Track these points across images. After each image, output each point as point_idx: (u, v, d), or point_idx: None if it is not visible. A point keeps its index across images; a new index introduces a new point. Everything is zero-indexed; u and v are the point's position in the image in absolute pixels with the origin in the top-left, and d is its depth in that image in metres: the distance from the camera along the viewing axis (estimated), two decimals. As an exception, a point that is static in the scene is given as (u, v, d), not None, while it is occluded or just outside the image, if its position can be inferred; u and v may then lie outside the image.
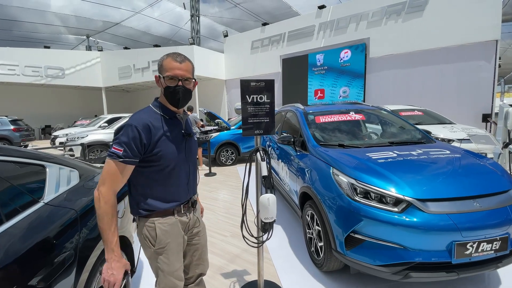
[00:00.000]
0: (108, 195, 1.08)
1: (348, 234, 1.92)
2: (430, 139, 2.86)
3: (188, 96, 1.26)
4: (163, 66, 1.20)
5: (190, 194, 1.37)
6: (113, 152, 1.09)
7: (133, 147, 1.10)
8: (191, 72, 1.25)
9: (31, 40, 21.55)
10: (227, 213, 3.90)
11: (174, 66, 1.18)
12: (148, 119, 1.16)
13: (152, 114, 1.21)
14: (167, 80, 1.19)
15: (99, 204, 1.07)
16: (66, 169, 1.53)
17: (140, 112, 1.21)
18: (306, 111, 3.35)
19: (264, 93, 1.78)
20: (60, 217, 1.27)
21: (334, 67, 11.45)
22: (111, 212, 1.09)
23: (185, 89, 1.22)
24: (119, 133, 1.12)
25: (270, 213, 1.63)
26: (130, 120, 1.14)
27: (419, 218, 1.75)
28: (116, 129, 1.15)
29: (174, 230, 1.28)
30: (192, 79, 1.25)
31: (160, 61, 1.22)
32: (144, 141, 1.13)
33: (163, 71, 1.20)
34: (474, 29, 8.45)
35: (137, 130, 1.11)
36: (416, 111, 6.56)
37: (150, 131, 1.15)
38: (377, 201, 1.88)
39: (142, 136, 1.12)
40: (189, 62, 1.24)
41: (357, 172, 2.03)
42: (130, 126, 1.11)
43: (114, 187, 1.10)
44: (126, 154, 1.09)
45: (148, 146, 1.15)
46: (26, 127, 12.26)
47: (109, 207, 1.08)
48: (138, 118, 1.15)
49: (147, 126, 1.14)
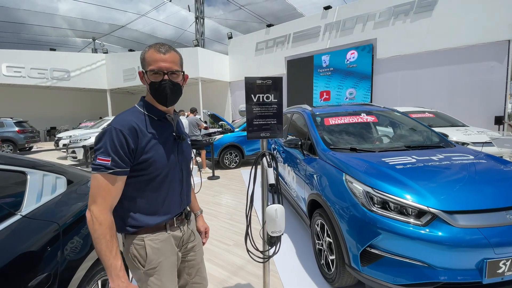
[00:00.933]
0: (102, 215, 0.92)
1: (364, 249, 1.73)
2: (449, 143, 2.65)
3: (178, 92, 1.09)
4: (145, 60, 1.03)
5: (183, 205, 1.20)
6: (99, 164, 0.93)
7: (121, 154, 0.94)
8: (178, 63, 1.07)
9: (39, 43, 21.82)
10: (231, 219, 3.72)
11: (157, 58, 1.01)
12: (133, 121, 1.00)
13: (138, 115, 1.05)
14: (151, 75, 1.02)
15: (94, 227, 0.91)
16: (51, 176, 1.37)
17: (124, 113, 1.04)
18: (314, 113, 3.17)
19: (271, 92, 1.61)
20: (39, 232, 1.11)
21: (340, 68, 11.25)
22: (109, 233, 0.92)
23: (172, 84, 1.05)
24: (101, 140, 0.95)
25: (278, 226, 1.45)
26: (113, 123, 0.97)
27: (446, 232, 1.56)
28: (97, 137, 0.97)
29: (167, 247, 1.11)
30: (181, 72, 1.08)
31: (142, 54, 1.05)
32: (131, 146, 0.97)
33: (145, 65, 1.03)
34: (486, 29, 8.18)
35: (122, 134, 0.95)
36: (427, 113, 6.31)
37: (136, 135, 0.98)
38: (396, 213, 1.69)
39: (129, 141, 0.96)
40: (175, 52, 1.07)
41: (373, 179, 1.84)
42: (114, 130, 0.95)
43: (107, 205, 0.94)
44: (115, 163, 0.93)
45: (135, 152, 0.99)
46: (31, 129, 12.30)
47: (105, 228, 0.92)
48: (121, 120, 0.99)
49: (133, 129, 0.98)
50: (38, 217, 1.16)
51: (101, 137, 0.96)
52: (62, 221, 1.23)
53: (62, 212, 1.28)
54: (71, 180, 1.51)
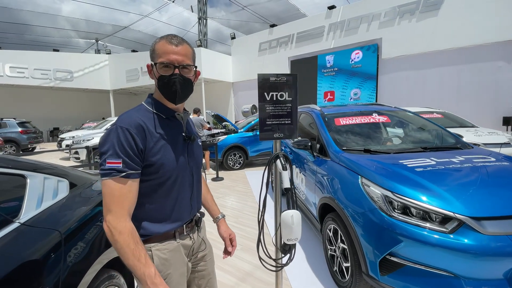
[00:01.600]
0: (120, 223, 0.83)
1: (384, 257, 1.63)
2: (467, 145, 2.54)
3: (189, 88, 0.99)
4: (155, 51, 0.94)
5: (194, 211, 1.11)
6: (110, 169, 0.84)
7: (131, 154, 0.85)
8: (190, 57, 0.98)
9: (42, 44, 21.89)
10: (237, 222, 3.62)
11: (168, 49, 0.92)
12: (140, 119, 0.91)
13: (145, 113, 0.96)
14: (160, 68, 0.93)
15: (114, 238, 0.82)
16: (53, 179, 1.28)
17: (130, 111, 0.95)
18: (323, 113, 3.07)
19: (285, 90, 1.51)
20: (39, 241, 1.02)
21: (345, 68, 11.13)
22: (132, 241, 0.83)
23: (183, 79, 0.95)
24: (107, 141, 0.85)
25: (295, 233, 1.35)
26: (118, 122, 0.88)
27: (474, 240, 1.45)
28: (101, 138, 0.87)
29: (176, 258, 1.01)
30: (193, 66, 0.99)
31: (152, 45, 0.96)
32: (140, 146, 0.88)
33: (155, 57, 0.94)
34: (493, 29, 8.04)
35: (129, 133, 0.86)
36: (435, 114, 6.18)
37: (144, 134, 0.89)
38: (419, 219, 1.59)
39: (137, 140, 0.87)
40: (188, 45, 0.98)
41: (393, 183, 1.73)
42: (120, 129, 0.86)
43: (124, 211, 0.85)
44: (127, 165, 0.85)
45: (143, 153, 0.89)
46: (34, 129, 12.28)
47: (126, 236, 0.82)
48: (128, 118, 0.90)
49: (140, 128, 0.89)
50: (38, 224, 1.07)
51: (106, 139, 0.86)
52: (64, 228, 1.14)
53: (64, 218, 1.20)
54: (74, 183, 1.42)
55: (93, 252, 1.24)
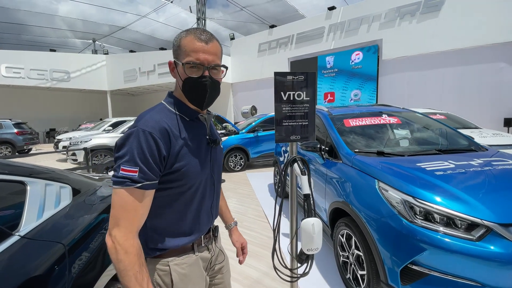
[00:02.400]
0: (128, 241, 0.72)
1: (406, 266, 1.54)
2: (481, 147, 2.47)
3: (217, 91, 0.90)
4: (181, 48, 0.82)
5: (213, 220, 1.02)
6: (124, 177, 0.73)
7: (151, 163, 0.75)
8: (220, 56, 0.88)
9: (39, 44, 21.62)
10: (241, 226, 3.52)
11: (198, 47, 0.81)
12: (164, 121, 0.80)
13: (168, 114, 0.85)
14: (188, 68, 0.81)
15: (118, 257, 0.71)
16: (55, 186, 1.18)
17: (152, 112, 0.83)
18: (331, 114, 2.98)
19: (302, 89, 1.42)
20: (41, 255, 0.92)
21: (345, 69, 11.09)
22: (137, 262, 0.72)
23: (212, 82, 0.85)
24: (125, 145, 0.75)
25: (316, 243, 1.25)
26: (140, 124, 0.77)
27: (503, 248, 1.38)
28: (119, 140, 0.76)
29: (195, 272, 0.92)
30: (221, 67, 0.89)
31: (177, 40, 0.84)
32: (163, 152, 0.77)
33: (181, 54, 0.82)
34: (494, 30, 8.03)
35: (152, 137, 0.75)
36: (438, 115, 6.14)
37: (169, 138, 0.79)
38: (443, 225, 1.50)
39: (161, 146, 0.77)
40: (217, 41, 0.87)
41: (413, 187, 1.65)
42: (142, 132, 0.75)
43: (133, 227, 0.75)
44: (144, 175, 0.74)
45: (166, 160, 0.79)
46: (30, 130, 12.09)
47: (133, 257, 0.71)
48: (150, 120, 0.79)
49: (164, 131, 0.78)
50: (40, 237, 0.97)
51: (125, 142, 0.75)
52: (68, 240, 1.04)
53: (67, 228, 1.10)
54: (78, 190, 1.32)
55: (100, 264, 1.14)
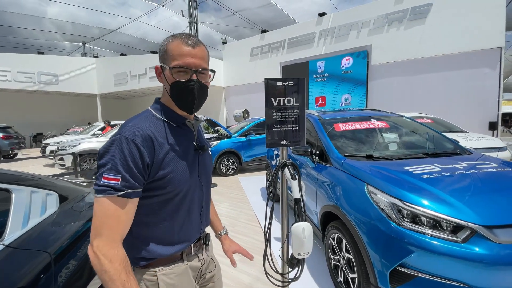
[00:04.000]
0: (112, 250, 0.70)
1: (394, 268, 1.57)
2: (465, 150, 2.55)
3: (205, 95, 0.90)
4: (168, 52, 0.83)
5: (203, 228, 1.01)
6: (106, 185, 0.71)
7: (134, 171, 0.74)
8: (207, 60, 0.89)
9: (26, 46, 21.15)
10: (233, 231, 3.51)
11: (184, 51, 0.82)
12: (148, 128, 0.80)
13: (153, 120, 0.84)
14: (175, 72, 0.82)
15: (102, 268, 0.68)
16: (41, 193, 1.16)
17: (137, 118, 0.83)
18: (322, 118, 3.03)
19: (293, 95, 1.45)
20: (26, 264, 0.90)
21: (336, 74, 11.27)
22: (124, 271, 0.70)
23: (200, 86, 0.86)
24: (107, 153, 0.74)
25: (306, 248, 1.27)
26: (123, 131, 0.76)
27: (487, 249, 1.42)
28: (102, 148, 0.76)
29: (184, 282, 0.90)
30: (209, 71, 0.90)
31: (163, 45, 0.85)
32: (146, 160, 0.76)
33: (168, 59, 0.83)
34: (478, 36, 8.34)
35: (135, 145, 0.75)
36: (425, 119, 6.29)
37: (153, 146, 0.79)
38: (429, 228, 1.54)
39: (144, 154, 0.76)
40: (203, 46, 0.88)
41: (401, 191, 1.69)
42: (124, 140, 0.74)
43: (116, 236, 0.73)
44: (127, 183, 0.73)
45: (150, 167, 0.78)
46: (16, 134, 11.76)
47: (118, 265, 0.70)
48: (134, 127, 0.78)
49: (148, 139, 0.78)
50: (25, 246, 0.94)
51: (108, 149, 0.74)
52: (54, 248, 1.02)
53: (54, 236, 1.07)
54: (65, 196, 1.29)
55: (88, 272, 1.12)
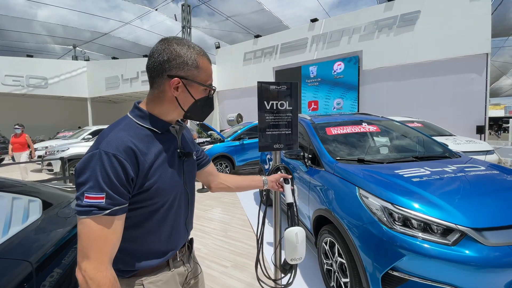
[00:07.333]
0: (100, 273, 0.66)
1: (386, 272, 1.57)
2: (454, 153, 2.59)
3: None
4: (202, 69, 0.81)
5: (188, 234, 0.99)
6: (90, 205, 0.66)
7: (118, 186, 0.69)
8: None
9: (15, 49, 20.73)
10: (226, 236, 3.46)
11: (211, 70, 0.87)
12: (129, 140, 0.73)
13: (135, 129, 0.78)
14: (208, 90, 0.86)
15: None
16: (23, 199, 1.11)
17: (116, 129, 0.75)
18: (314, 122, 3.04)
19: (286, 99, 1.45)
20: (5, 275, 0.86)
21: (328, 79, 11.40)
22: None
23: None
24: (87, 169, 0.67)
25: (299, 253, 1.26)
26: (102, 145, 0.70)
27: (476, 251, 1.43)
28: (79, 164, 0.69)
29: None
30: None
31: (192, 60, 0.79)
32: (130, 174, 0.71)
33: (200, 75, 0.81)
34: (465, 43, 8.58)
35: (117, 159, 0.69)
36: (415, 123, 6.41)
37: (136, 158, 0.73)
38: (420, 231, 1.55)
39: (127, 168, 0.70)
40: None
41: (392, 194, 1.70)
42: (105, 155, 0.68)
43: (105, 258, 0.68)
44: (111, 201, 0.68)
45: (136, 180, 0.73)
46: (3, 139, 11.44)
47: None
48: (114, 140, 0.71)
49: (130, 151, 0.72)
50: (4, 255, 0.90)
51: (87, 166, 0.68)
52: (36, 257, 0.98)
53: (36, 244, 1.03)
54: (50, 203, 1.25)
55: (75, 280, 1.08)
